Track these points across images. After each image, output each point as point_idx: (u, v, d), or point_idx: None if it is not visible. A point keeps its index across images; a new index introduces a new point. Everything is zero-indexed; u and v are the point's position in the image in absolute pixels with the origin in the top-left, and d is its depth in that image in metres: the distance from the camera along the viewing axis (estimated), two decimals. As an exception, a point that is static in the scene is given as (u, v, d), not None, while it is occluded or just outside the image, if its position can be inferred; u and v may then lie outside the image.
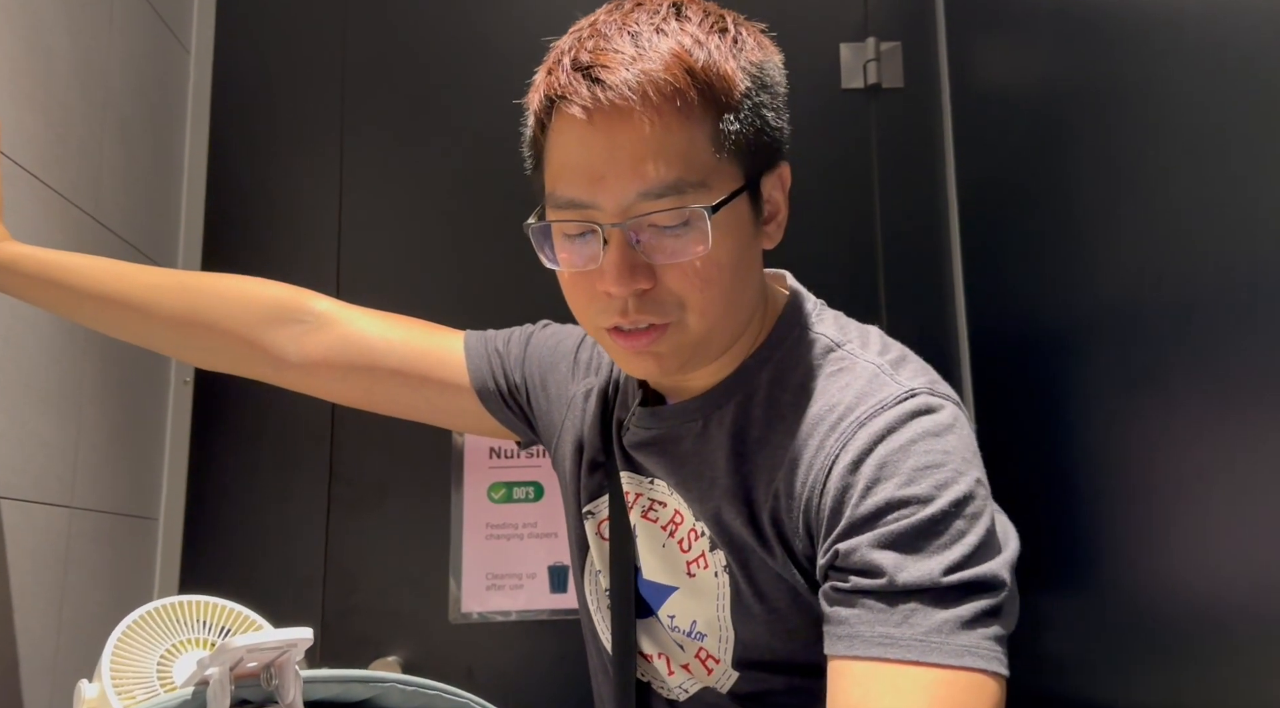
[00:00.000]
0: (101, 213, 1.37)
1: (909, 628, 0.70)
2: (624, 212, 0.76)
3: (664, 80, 0.74)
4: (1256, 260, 0.82)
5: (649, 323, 0.78)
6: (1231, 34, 0.86)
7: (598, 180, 0.76)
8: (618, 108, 0.74)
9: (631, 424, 0.92)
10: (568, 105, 0.76)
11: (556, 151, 0.79)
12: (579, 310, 0.83)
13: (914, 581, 0.71)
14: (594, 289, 0.79)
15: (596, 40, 0.77)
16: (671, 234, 0.77)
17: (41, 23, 1.23)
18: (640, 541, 0.93)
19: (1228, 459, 0.87)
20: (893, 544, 0.72)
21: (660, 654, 0.93)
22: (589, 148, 0.76)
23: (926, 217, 1.68)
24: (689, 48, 0.76)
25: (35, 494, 1.20)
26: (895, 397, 0.78)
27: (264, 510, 1.59)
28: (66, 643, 1.25)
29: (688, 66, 0.75)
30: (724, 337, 0.82)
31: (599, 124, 0.75)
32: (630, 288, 0.77)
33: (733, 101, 0.77)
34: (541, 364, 1.03)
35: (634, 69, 0.74)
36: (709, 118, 0.76)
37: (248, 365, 1.06)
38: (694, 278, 0.77)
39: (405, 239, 1.67)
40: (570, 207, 0.78)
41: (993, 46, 1.53)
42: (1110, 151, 1.09)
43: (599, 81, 0.75)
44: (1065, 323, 1.22)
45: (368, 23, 1.72)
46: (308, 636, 0.64)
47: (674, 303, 0.78)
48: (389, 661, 1.54)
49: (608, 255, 0.77)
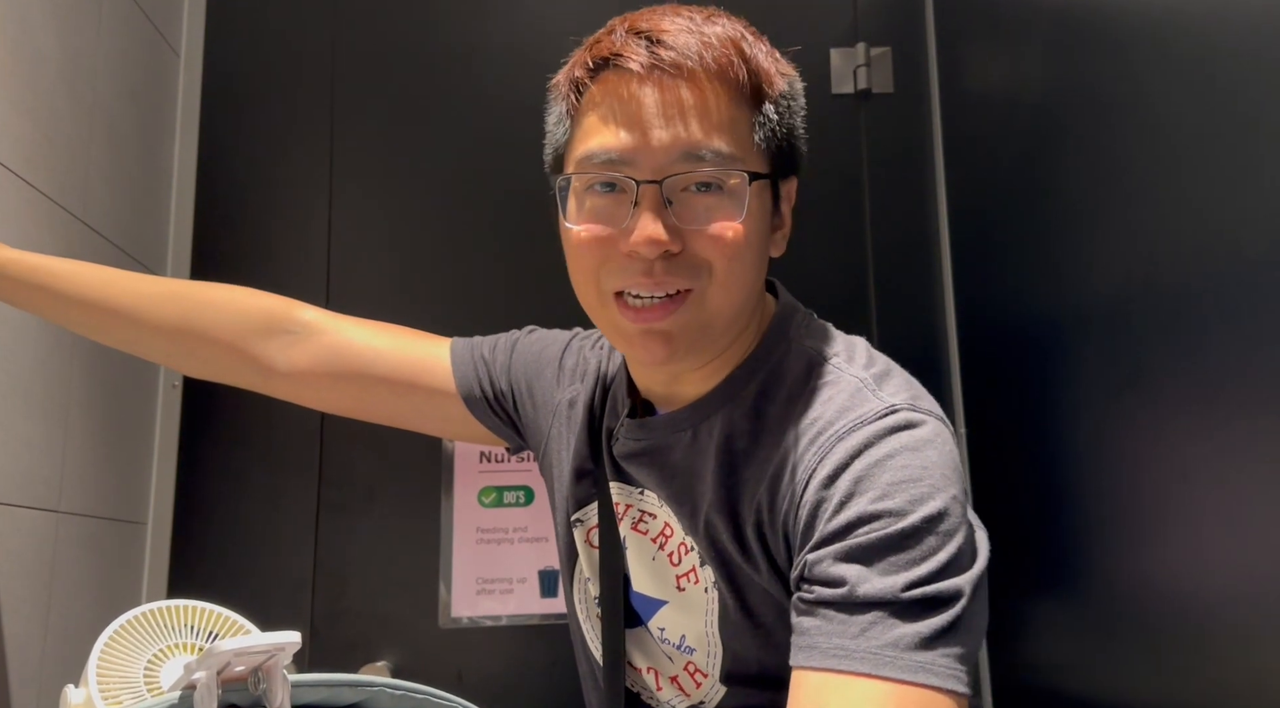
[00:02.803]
0: (89, 216, 1.37)
1: (865, 640, 0.69)
2: (662, 170, 0.77)
3: (720, 53, 0.77)
4: (1243, 264, 0.83)
5: (675, 288, 0.78)
6: (1218, 39, 0.86)
7: (642, 134, 0.77)
8: (678, 67, 0.76)
9: (621, 435, 0.91)
10: (624, 62, 0.77)
11: (598, 109, 0.79)
12: (588, 273, 0.81)
13: (874, 593, 0.70)
14: (612, 250, 0.78)
15: (651, 16, 0.80)
16: (706, 199, 0.77)
17: (29, 25, 1.22)
18: (630, 552, 0.92)
19: (1215, 460, 0.87)
20: (858, 556, 0.71)
21: (649, 669, 0.93)
22: (639, 101, 0.77)
23: (916, 221, 1.68)
24: (739, 37, 0.80)
25: (22, 499, 1.19)
26: (876, 412, 0.77)
27: (253, 515, 1.58)
28: (53, 648, 1.24)
29: (740, 49, 0.79)
30: (730, 324, 0.82)
31: (654, 81, 0.77)
32: (660, 247, 0.76)
33: (773, 95, 0.81)
34: (527, 371, 1.03)
35: (694, 37, 0.77)
36: (753, 102, 0.80)
37: (236, 375, 1.07)
38: (724, 246, 0.77)
39: (394, 243, 1.67)
40: (605, 162, 0.78)
41: (982, 52, 1.54)
42: (1099, 156, 1.09)
43: (659, 42, 0.77)
44: (1054, 326, 1.22)
45: (357, 28, 1.72)
46: (295, 639, 0.63)
47: (703, 268, 0.78)
48: (378, 666, 1.53)
49: (639, 213, 0.76)
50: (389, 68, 1.71)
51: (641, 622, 0.93)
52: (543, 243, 1.64)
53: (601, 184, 0.79)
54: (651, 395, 0.91)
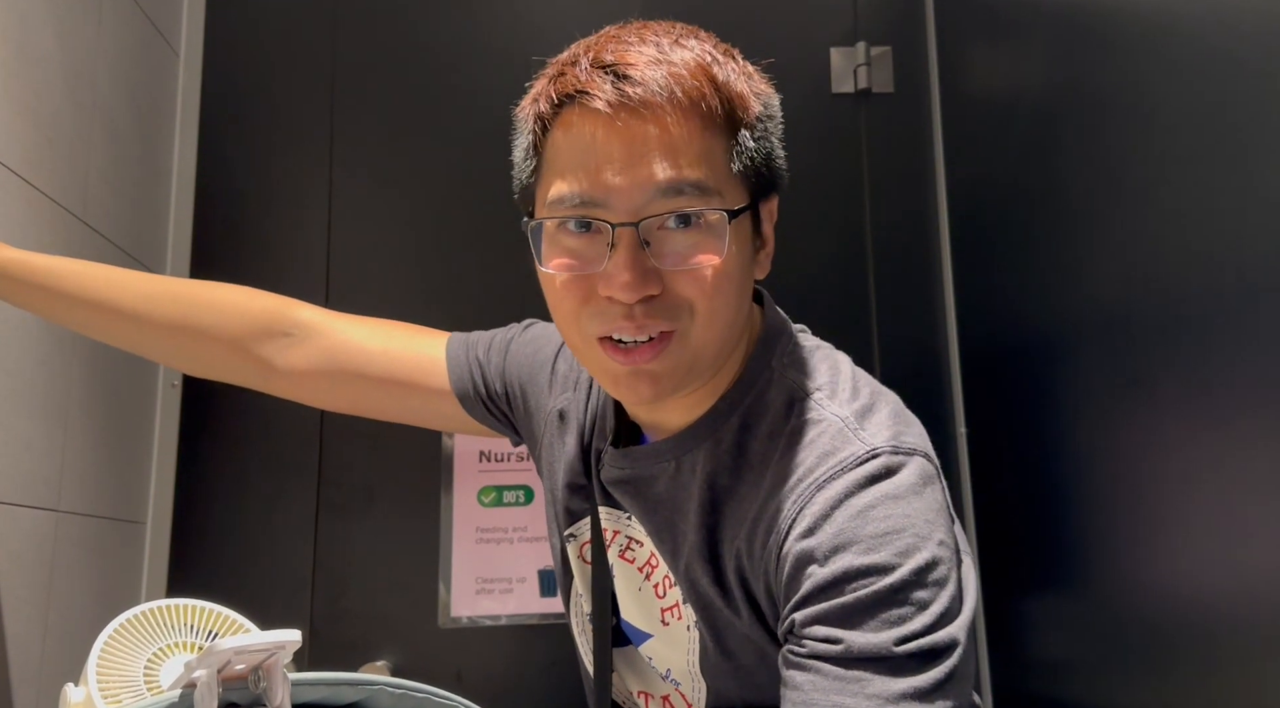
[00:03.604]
0: (89, 216, 1.37)
1: (863, 700, 0.68)
2: (637, 211, 0.73)
3: (691, 84, 0.73)
4: (1243, 265, 0.83)
5: (658, 330, 0.75)
6: (1218, 39, 0.86)
7: (612, 176, 0.73)
8: (645, 103, 0.72)
9: (605, 461, 0.90)
10: (589, 100, 0.73)
11: (566, 153, 0.76)
12: (567, 318, 0.79)
13: (870, 649, 0.68)
14: (591, 294, 0.76)
15: (616, 44, 0.76)
16: (684, 236, 0.74)
17: (29, 24, 1.22)
18: (618, 581, 0.92)
19: (1215, 461, 0.87)
20: (850, 613, 0.70)
21: (640, 692, 0.93)
22: (608, 143, 0.73)
23: (916, 221, 1.68)
24: (710, 61, 0.76)
25: (21, 498, 1.19)
26: (856, 457, 0.75)
27: (253, 514, 1.58)
28: (53, 647, 1.24)
29: (711, 76, 0.75)
30: (715, 357, 0.80)
31: (622, 119, 0.73)
32: (640, 292, 0.73)
33: (748, 120, 0.77)
34: (520, 374, 1.03)
35: (661, 69, 0.73)
36: (727, 131, 0.76)
37: (236, 374, 1.07)
38: (704, 284, 0.75)
39: (394, 243, 1.67)
40: (580, 205, 0.75)
41: (983, 52, 1.54)
42: (1100, 157, 1.09)
43: (625, 78, 0.73)
44: (1055, 328, 1.22)
45: (357, 28, 1.72)
46: (295, 638, 0.64)
47: (684, 308, 0.75)
48: (378, 665, 1.53)
49: (616, 257, 0.73)
50: (388, 67, 1.71)
51: (634, 643, 0.93)
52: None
53: (576, 223, 0.76)
54: (638, 420, 0.90)
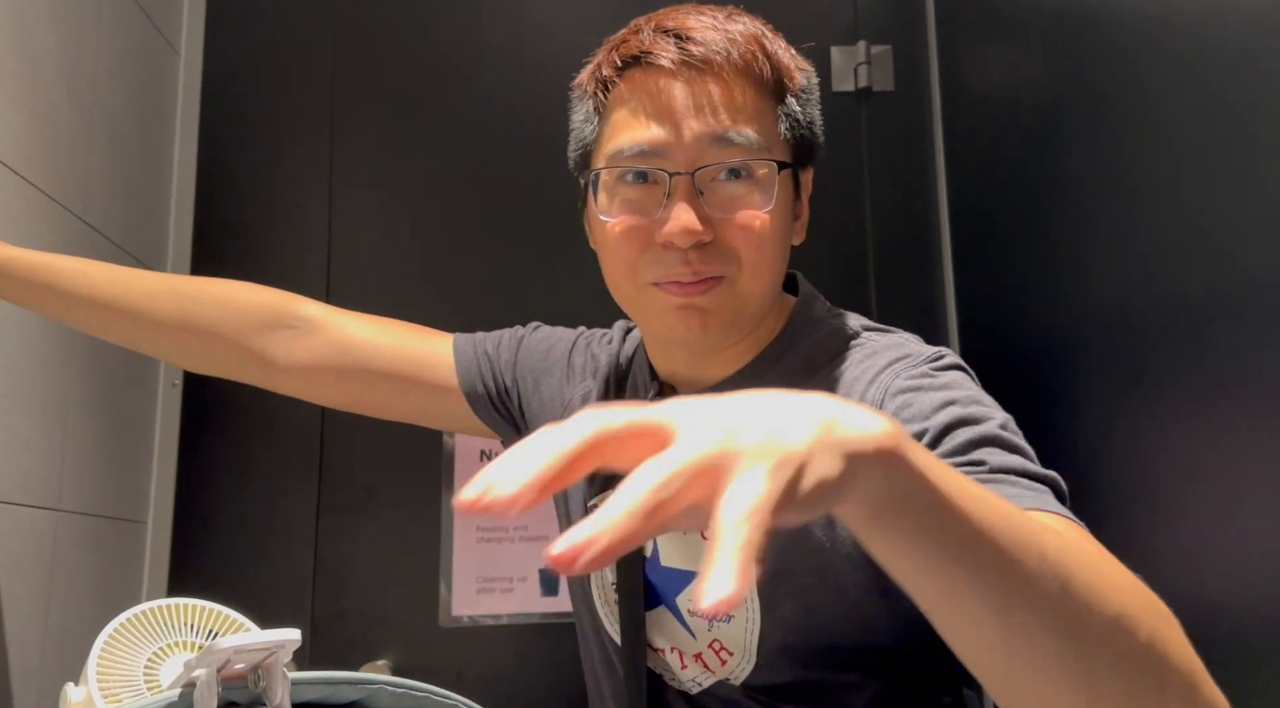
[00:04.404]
0: (89, 214, 1.37)
1: (1012, 488, 0.69)
2: (693, 161, 0.80)
3: (745, 48, 0.82)
4: (1244, 263, 0.82)
5: (711, 273, 0.81)
6: (1218, 38, 0.86)
7: (673, 127, 0.80)
8: (706, 61, 0.80)
9: None
10: (654, 58, 0.81)
11: (628, 106, 0.83)
12: (626, 265, 0.84)
13: (1007, 465, 0.70)
14: (648, 242, 0.82)
15: (675, 15, 0.84)
16: (735, 187, 0.81)
17: (29, 23, 1.22)
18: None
19: (1217, 463, 0.87)
20: (976, 444, 0.72)
21: (673, 649, 0.92)
22: (670, 97, 0.81)
23: (917, 220, 1.68)
24: (760, 35, 0.84)
25: (21, 497, 1.19)
26: (927, 355, 0.82)
27: (253, 513, 1.58)
28: (53, 647, 1.24)
29: (762, 45, 0.83)
30: (759, 308, 0.86)
31: (684, 76, 0.81)
32: (694, 237, 0.79)
33: (794, 89, 0.86)
34: (534, 368, 1.03)
35: (720, 34, 0.82)
36: (775, 95, 0.84)
37: (238, 370, 1.07)
38: (751, 235, 0.81)
39: (395, 241, 1.67)
40: (637, 156, 0.81)
41: (983, 50, 1.54)
42: (1100, 155, 1.09)
43: (688, 39, 0.81)
44: (1055, 326, 1.22)
45: (357, 26, 1.72)
46: (295, 637, 0.63)
47: (731, 257, 0.82)
48: (379, 664, 1.53)
49: (673, 204, 0.80)
50: (389, 67, 1.71)
51: (661, 601, 0.92)
52: (542, 240, 1.65)
53: (634, 175, 0.82)
54: (674, 379, 0.93)
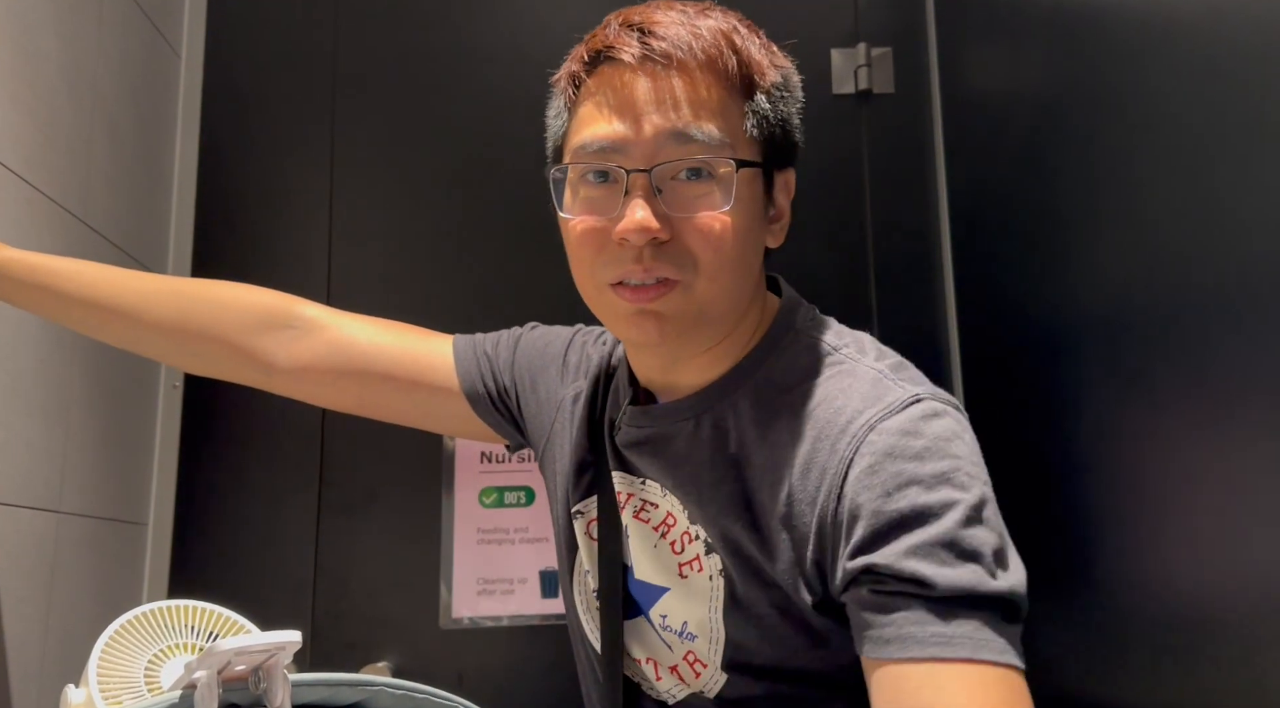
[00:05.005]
0: (90, 216, 1.37)
1: (958, 627, 0.70)
2: (651, 158, 0.79)
3: (710, 43, 0.80)
4: (1245, 263, 0.82)
5: (662, 276, 0.79)
6: (1219, 38, 0.86)
7: (632, 123, 0.79)
8: (667, 56, 0.79)
9: (623, 423, 0.92)
10: (616, 53, 0.80)
11: (592, 101, 0.82)
12: (584, 265, 0.83)
13: (958, 586, 0.71)
14: (606, 241, 0.80)
15: (645, 10, 0.83)
16: (695, 187, 0.79)
17: (30, 25, 1.22)
18: (632, 540, 0.92)
19: (1217, 461, 0.87)
20: (930, 552, 0.72)
21: (649, 659, 0.93)
22: (631, 91, 0.80)
23: (917, 222, 1.68)
24: (731, 30, 0.82)
25: (22, 499, 1.19)
26: (902, 401, 0.78)
27: (254, 515, 1.58)
28: (53, 649, 1.24)
29: (730, 41, 0.81)
30: (723, 313, 0.83)
31: (646, 71, 0.79)
32: (648, 235, 0.78)
33: (765, 86, 0.83)
34: (531, 367, 1.03)
35: (684, 29, 0.80)
36: (743, 92, 0.82)
37: (238, 371, 1.07)
38: (709, 237, 0.79)
39: (395, 243, 1.67)
40: (598, 152, 0.80)
41: (983, 52, 1.54)
42: (1100, 157, 1.09)
43: (651, 33, 0.80)
44: (1055, 327, 1.22)
45: (358, 27, 1.72)
46: (296, 639, 0.63)
47: (688, 259, 0.80)
48: (379, 666, 1.53)
49: (629, 201, 0.78)
50: (389, 67, 1.71)
51: (640, 612, 0.93)
52: (543, 240, 1.64)
53: (595, 174, 0.81)
54: (652, 385, 0.92)
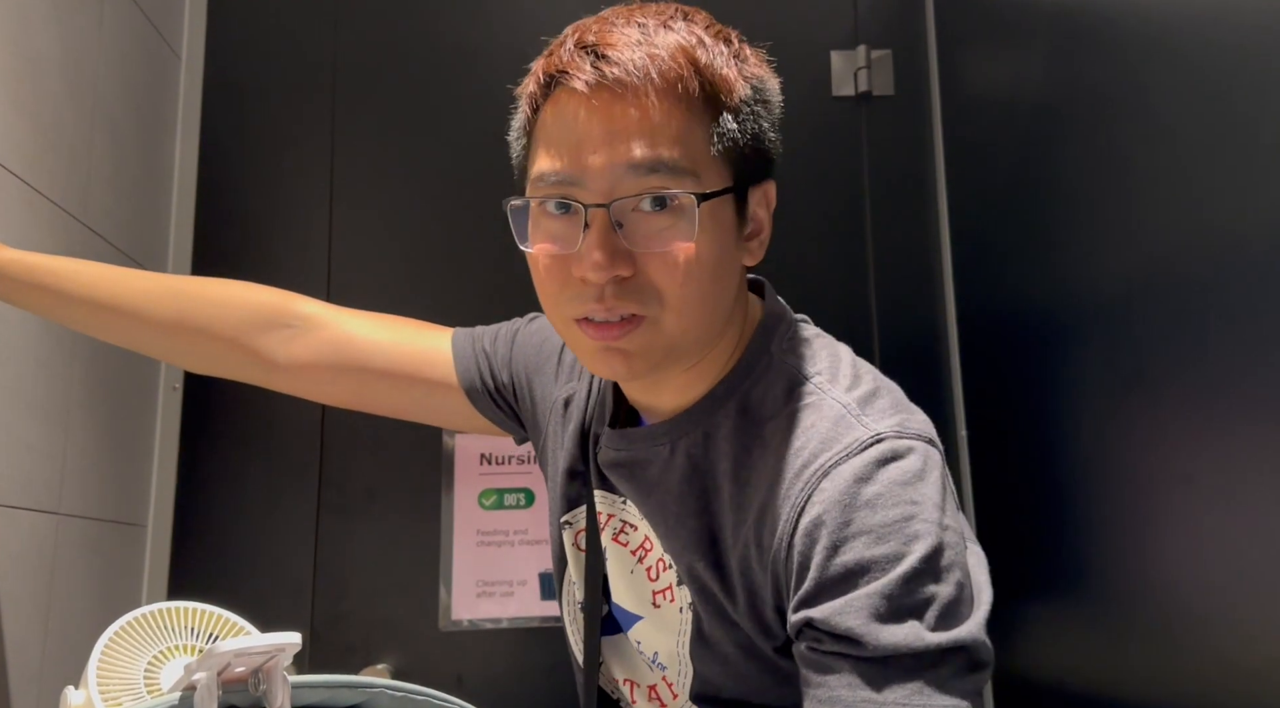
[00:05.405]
0: (89, 217, 1.37)
1: (890, 692, 0.68)
2: (609, 191, 0.74)
3: (669, 66, 0.74)
4: (1244, 265, 0.83)
5: (627, 313, 0.76)
6: (1218, 40, 0.86)
7: (588, 155, 0.74)
8: (621, 84, 0.74)
9: (603, 443, 0.90)
10: (569, 79, 0.75)
11: (548, 129, 0.77)
12: (549, 300, 0.80)
13: (891, 645, 0.69)
14: (568, 275, 0.76)
15: (602, 26, 0.77)
16: (657, 220, 0.75)
17: (30, 26, 1.22)
18: (611, 564, 0.91)
19: (1217, 460, 0.87)
20: (867, 608, 0.70)
21: (626, 680, 0.93)
22: (585, 122, 0.74)
23: (917, 224, 1.68)
24: (694, 44, 0.76)
25: (22, 500, 1.19)
26: (860, 442, 0.75)
27: (253, 517, 1.58)
28: (53, 650, 1.24)
29: (692, 59, 0.75)
30: (696, 343, 0.80)
31: (599, 99, 0.74)
32: (609, 272, 0.74)
33: (732, 103, 0.77)
34: (528, 364, 1.02)
35: (640, 51, 0.74)
36: (707, 113, 0.76)
37: (238, 369, 1.06)
38: (675, 271, 0.75)
39: (395, 243, 1.67)
40: (555, 184, 0.76)
41: (983, 54, 1.54)
42: (1099, 158, 1.09)
43: (604, 58, 0.74)
44: (1055, 329, 1.22)
45: (357, 28, 1.72)
46: (295, 640, 0.63)
47: (652, 295, 0.76)
48: (379, 668, 1.53)
49: (588, 237, 0.74)
50: (389, 67, 1.71)
51: (622, 630, 0.92)
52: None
53: (555, 204, 0.77)
54: (634, 403, 0.90)
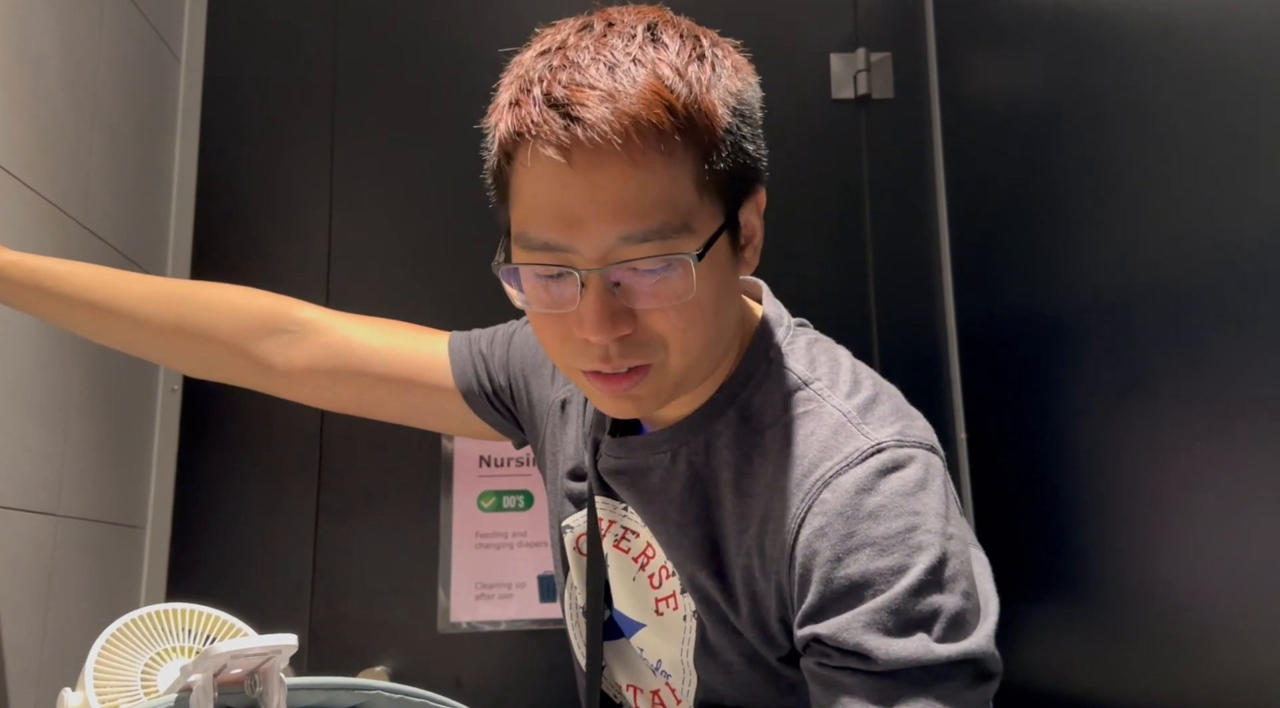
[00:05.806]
0: (89, 219, 1.37)
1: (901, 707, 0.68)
2: (603, 257, 0.72)
3: (645, 121, 0.70)
4: (1242, 268, 0.83)
5: (634, 363, 0.75)
6: (1216, 44, 0.86)
7: (576, 224, 0.71)
8: (597, 147, 0.69)
9: (603, 450, 0.90)
10: (542, 145, 0.70)
11: (528, 191, 0.74)
12: (553, 351, 0.79)
13: (900, 659, 0.68)
14: (569, 332, 0.75)
15: (570, 72, 0.72)
16: (653, 278, 0.73)
17: (31, 29, 1.22)
18: (612, 571, 0.91)
19: (1216, 463, 0.87)
20: (874, 623, 0.69)
21: (629, 686, 0.93)
22: (566, 189, 0.71)
23: (916, 226, 1.68)
24: (669, 81, 0.72)
25: (21, 502, 1.19)
26: (861, 452, 0.75)
27: (252, 519, 1.58)
28: (51, 652, 1.24)
29: (668, 104, 0.71)
30: (703, 371, 0.80)
31: (577, 165, 0.70)
32: (611, 335, 0.73)
33: (715, 138, 0.73)
34: (524, 367, 1.02)
35: (612, 106, 0.70)
36: (690, 157, 0.73)
37: (236, 374, 1.06)
38: (676, 320, 0.74)
39: (395, 244, 1.67)
40: (545, 249, 0.73)
41: (982, 57, 1.54)
42: (1098, 161, 1.09)
43: (577, 119, 0.70)
44: (1054, 332, 1.22)
45: (357, 28, 1.72)
46: (292, 642, 0.63)
47: (658, 344, 0.75)
48: (377, 670, 1.53)
49: (586, 301, 0.72)
50: (389, 69, 1.71)
51: (624, 634, 0.92)
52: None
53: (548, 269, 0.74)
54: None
